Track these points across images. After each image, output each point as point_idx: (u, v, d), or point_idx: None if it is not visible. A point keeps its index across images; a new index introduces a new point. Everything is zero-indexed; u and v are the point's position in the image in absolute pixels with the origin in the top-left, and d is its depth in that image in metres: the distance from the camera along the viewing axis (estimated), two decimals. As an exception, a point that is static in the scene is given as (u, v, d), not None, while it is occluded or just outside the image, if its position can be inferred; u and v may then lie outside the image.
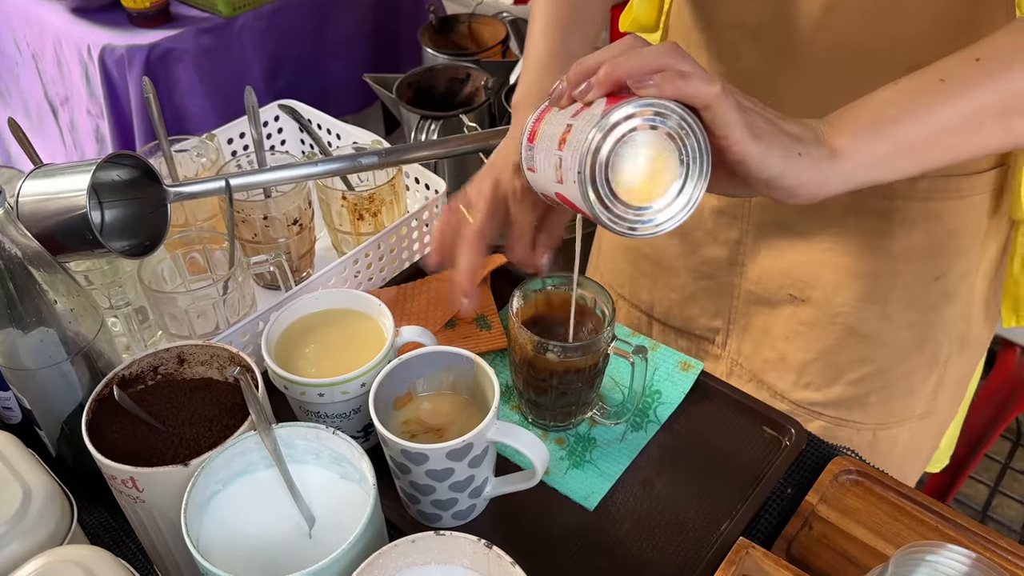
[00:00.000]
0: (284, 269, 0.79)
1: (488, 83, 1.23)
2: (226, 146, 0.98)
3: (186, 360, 0.64)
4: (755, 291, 0.87)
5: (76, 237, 0.70)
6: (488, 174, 0.69)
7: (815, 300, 0.83)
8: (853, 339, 0.82)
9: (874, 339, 0.82)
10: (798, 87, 0.73)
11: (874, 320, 0.81)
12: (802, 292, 0.83)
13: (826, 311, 0.82)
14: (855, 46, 0.69)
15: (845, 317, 0.82)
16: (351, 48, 1.71)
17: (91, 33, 1.50)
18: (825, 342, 0.84)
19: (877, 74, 0.64)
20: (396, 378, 0.66)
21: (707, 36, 0.78)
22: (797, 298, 0.84)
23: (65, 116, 1.70)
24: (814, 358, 0.84)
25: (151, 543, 0.62)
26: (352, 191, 0.88)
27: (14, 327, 0.62)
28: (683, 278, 0.92)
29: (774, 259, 0.84)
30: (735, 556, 0.61)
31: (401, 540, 0.51)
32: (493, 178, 0.68)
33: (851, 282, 0.80)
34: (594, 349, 0.67)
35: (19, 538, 0.52)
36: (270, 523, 0.57)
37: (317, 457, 0.59)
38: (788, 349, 0.86)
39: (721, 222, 0.86)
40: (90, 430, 0.58)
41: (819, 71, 0.72)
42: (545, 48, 0.74)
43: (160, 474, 0.55)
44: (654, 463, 0.72)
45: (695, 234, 0.89)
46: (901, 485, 0.69)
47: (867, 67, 0.69)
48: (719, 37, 0.77)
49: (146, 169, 0.75)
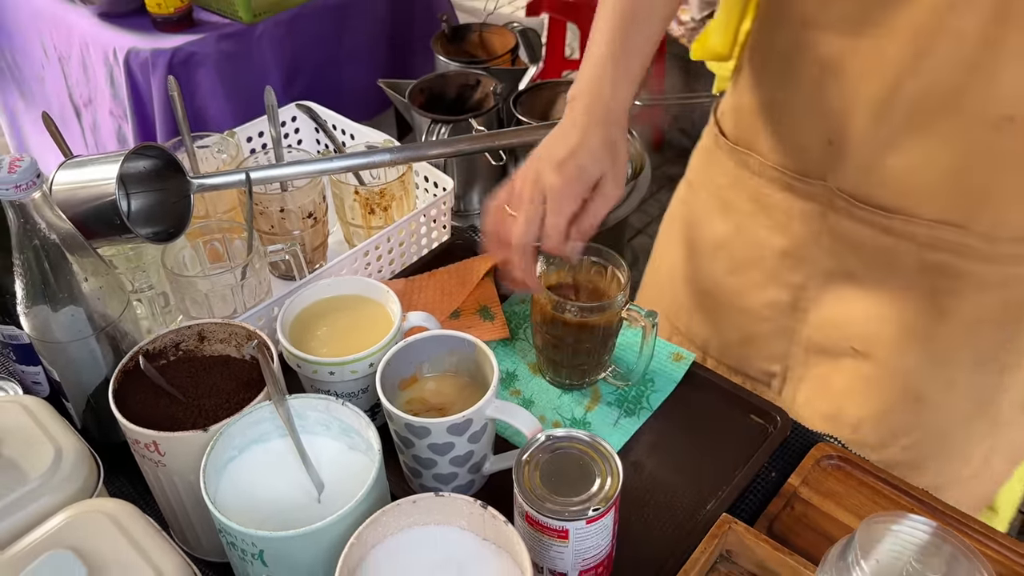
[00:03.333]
0: (299, 257, 0.83)
1: (497, 89, 1.27)
2: (245, 144, 1.03)
3: (206, 337, 0.69)
4: (816, 340, 0.84)
5: (105, 223, 0.75)
6: (531, 168, 0.71)
7: (878, 357, 0.80)
8: (914, 402, 0.80)
9: (936, 403, 0.79)
10: (876, 129, 0.71)
11: (938, 384, 0.78)
12: (865, 347, 0.80)
13: (889, 369, 0.80)
14: (944, 95, 0.67)
15: (908, 378, 0.79)
16: (366, 55, 1.76)
17: (117, 37, 1.56)
18: (885, 401, 0.81)
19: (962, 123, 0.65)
20: (402, 359, 0.70)
21: (790, 69, 0.76)
22: (860, 352, 0.81)
23: (88, 117, 1.75)
24: (871, 416, 0.81)
25: (170, 508, 0.66)
26: (364, 186, 0.92)
27: (47, 304, 0.67)
28: (742, 318, 0.89)
29: (839, 309, 0.81)
30: (718, 530, 0.65)
31: (403, 499, 0.55)
32: (536, 171, 0.70)
33: (919, 343, 0.77)
34: (608, 310, 0.72)
35: (51, 492, 0.56)
36: (282, 488, 0.61)
37: (327, 428, 0.63)
38: (845, 404, 0.83)
39: (785, 264, 0.84)
40: (116, 398, 0.63)
41: (900, 115, 0.70)
42: (604, 48, 0.73)
43: (181, 438, 0.59)
44: (646, 446, 0.76)
45: (756, 274, 0.86)
46: (880, 470, 0.72)
47: (952, 115, 0.67)
48: (801, 72, 0.75)
49: (171, 161, 0.80)
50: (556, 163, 0.69)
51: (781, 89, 0.79)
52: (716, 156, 0.89)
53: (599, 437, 0.61)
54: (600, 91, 0.71)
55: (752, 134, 0.83)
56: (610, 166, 0.71)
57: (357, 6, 1.71)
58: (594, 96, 0.71)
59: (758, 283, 0.87)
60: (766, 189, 0.83)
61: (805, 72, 0.75)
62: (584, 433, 0.62)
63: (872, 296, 0.79)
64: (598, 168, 0.70)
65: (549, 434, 0.62)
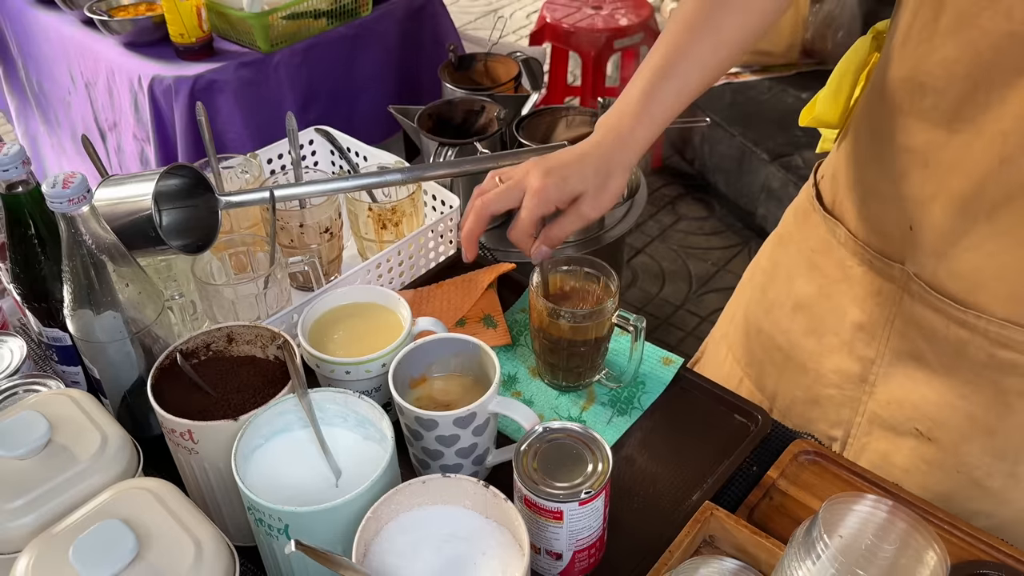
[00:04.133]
0: (316, 268, 0.90)
1: (501, 115, 1.35)
2: (266, 165, 1.11)
3: (234, 339, 0.75)
4: (881, 415, 0.84)
5: (141, 235, 0.82)
6: (527, 165, 0.76)
7: (942, 442, 0.80)
8: (976, 490, 0.80)
9: (997, 495, 0.79)
10: (956, 222, 0.72)
11: (1001, 477, 0.78)
12: (930, 431, 0.80)
13: (952, 456, 0.80)
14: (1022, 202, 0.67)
15: (971, 468, 0.79)
16: (377, 83, 1.85)
17: (142, 65, 1.65)
18: (945, 486, 0.80)
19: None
20: (412, 360, 0.77)
21: (882, 150, 0.77)
22: (924, 435, 0.81)
23: (113, 140, 1.84)
24: (932, 498, 0.80)
25: (200, 494, 0.72)
26: (377, 203, 0.99)
27: (90, 308, 0.74)
28: (811, 379, 0.90)
29: (907, 389, 0.82)
30: (700, 516, 0.71)
31: (414, 480, 0.61)
32: (527, 169, 0.76)
33: (983, 435, 0.78)
34: (600, 317, 0.79)
35: (98, 472, 0.62)
36: (303, 474, 0.67)
37: (344, 420, 0.69)
38: (905, 481, 0.82)
39: (859, 337, 0.84)
40: (154, 392, 0.69)
41: (980, 212, 0.70)
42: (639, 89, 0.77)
43: (213, 427, 0.66)
44: (637, 442, 0.82)
45: (831, 339, 0.87)
46: (854, 465, 0.78)
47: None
48: (891, 156, 0.76)
49: (200, 180, 0.87)
50: (546, 168, 0.75)
51: (872, 168, 0.79)
52: (811, 218, 0.90)
53: (591, 428, 0.68)
54: (619, 127, 0.76)
55: (844, 205, 0.84)
56: (594, 189, 0.75)
57: (369, 37, 1.80)
58: (610, 129, 0.77)
59: (832, 348, 0.87)
60: (850, 261, 0.84)
61: (895, 156, 0.75)
62: (577, 425, 0.68)
63: (939, 382, 0.79)
64: (581, 186, 0.75)
65: (546, 426, 0.68)
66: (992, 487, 0.79)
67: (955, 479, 0.80)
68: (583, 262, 0.84)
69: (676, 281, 2.33)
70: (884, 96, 0.76)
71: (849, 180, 0.84)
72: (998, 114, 0.66)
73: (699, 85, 0.78)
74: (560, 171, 0.75)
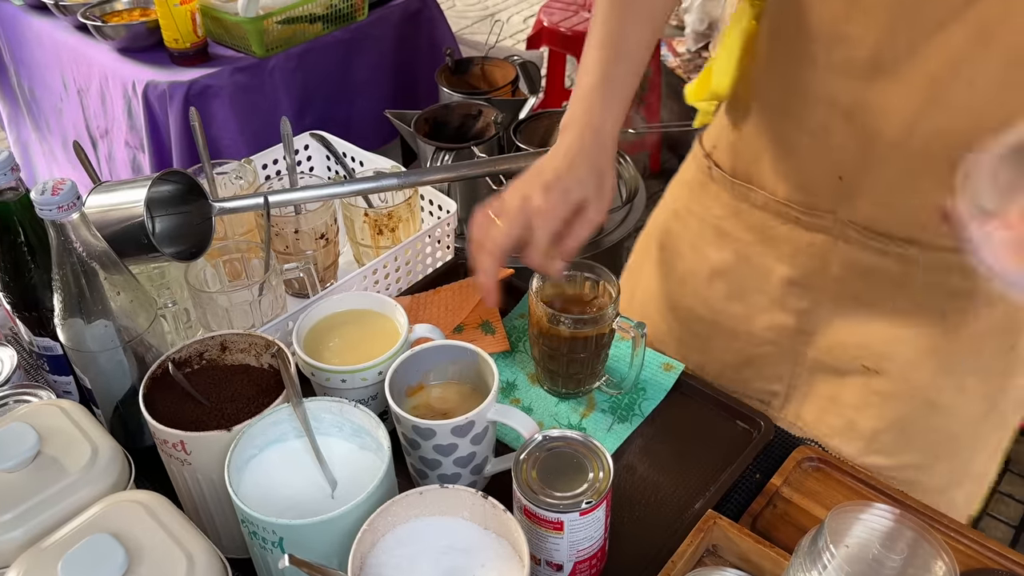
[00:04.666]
0: (312, 275, 0.89)
1: (498, 119, 1.34)
2: (261, 170, 1.09)
3: (228, 348, 0.74)
4: (824, 360, 0.86)
5: (133, 242, 0.81)
6: (519, 187, 0.75)
7: (891, 373, 0.82)
8: (927, 409, 0.83)
9: (949, 410, 0.82)
10: (889, 168, 0.73)
11: (950, 392, 0.81)
12: (877, 364, 0.82)
13: (903, 384, 0.82)
14: (956, 137, 0.68)
15: (923, 391, 0.82)
16: (374, 87, 1.84)
17: (136, 70, 1.64)
18: (900, 412, 0.83)
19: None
20: (409, 368, 0.75)
21: (796, 108, 0.78)
22: (871, 369, 0.83)
23: (104, 148, 1.83)
24: (886, 427, 0.83)
25: (194, 505, 0.71)
26: (373, 209, 0.98)
27: (81, 317, 0.72)
28: (742, 342, 0.91)
29: (850, 331, 0.83)
30: (703, 525, 0.70)
31: (411, 491, 0.60)
32: (523, 191, 0.74)
33: (930, 357, 0.80)
34: (600, 323, 0.77)
35: (89, 485, 0.61)
36: (298, 485, 0.66)
37: (340, 429, 0.68)
38: (858, 417, 0.85)
39: (792, 291, 0.85)
40: (146, 402, 0.68)
41: (913, 156, 0.71)
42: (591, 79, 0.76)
43: (206, 438, 0.64)
44: (638, 450, 0.81)
45: (758, 298, 0.88)
46: (858, 471, 0.77)
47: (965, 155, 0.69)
48: (809, 112, 0.76)
49: (193, 186, 0.86)
50: (543, 185, 0.73)
51: (786, 126, 0.80)
52: (709, 188, 0.91)
53: (591, 436, 0.66)
54: (589, 120, 0.75)
55: (754, 169, 0.85)
56: (594, 191, 0.74)
57: (365, 41, 1.79)
58: (584, 124, 0.75)
59: (761, 308, 0.88)
60: (771, 222, 0.85)
61: (813, 111, 0.76)
62: (577, 433, 0.67)
63: (883, 318, 0.81)
64: (582, 192, 0.74)
65: (545, 434, 0.67)
66: (943, 403, 0.82)
67: (908, 404, 0.83)
68: (583, 267, 0.83)
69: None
70: (791, 55, 0.76)
71: (758, 143, 0.84)
72: (925, 61, 0.67)
73: (643, 62, 0.79)
74: (559, 184, 0.73)
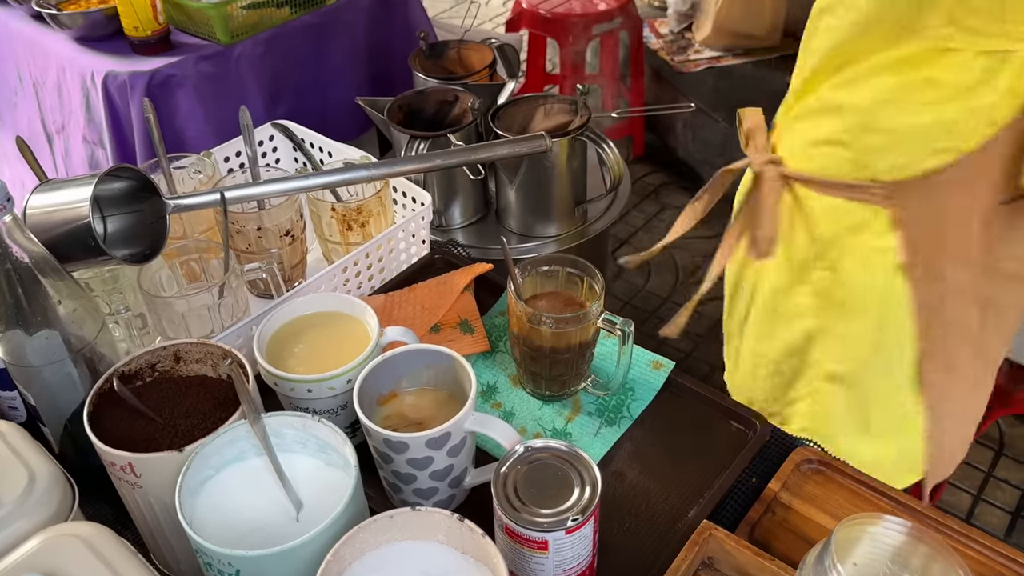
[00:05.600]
0: (275, 276, 0.83)
1: (475, 105, 1.28)
2: (223, 164, 1.03)
3: (182, 358, 0.68)
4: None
5: (80, 245, 0.75)
6: None
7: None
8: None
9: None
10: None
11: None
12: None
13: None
14: None
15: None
16: (347, 74, 1.77)
17: (95, 61, 1.56)
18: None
19: None
20: (380, 375, 0.70)
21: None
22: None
23: (60, 144, 1.75)
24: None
25: (148, 529, 0.66)
26: (341, 203, 0.92)
27: (20, 328, 0.67)
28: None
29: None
30: (699, 537, 0.65)
31: (380, 515, 0.55)
32: None
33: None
34: (583, 322, 0.72)
35: (25, 516, 0.55)
36: (260, 507, 0.60)
37: (304, 445, 0.63)
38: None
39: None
40: (92, 421, 0.62)
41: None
42: None
43: (156, 459, 0.59)
44: (627, 455, 0.76)
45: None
46: (859, 473, 0.72)
47: None
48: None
49: (146, 182, 0.80)
50: None
51: None
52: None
53: (577, 447, 0.61)
54: None
55: None
56: None
57: (335, 26, 1.72)
58: None
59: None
60: None
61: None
62: (562, 443, 0.62)
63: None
64: None
65: (528, 445, 0.62)
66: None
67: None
68: (564, 262, 0.77)
69: (662, 272, 2.27)
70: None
71: None
72: None
73: None
74: None
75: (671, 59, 2.56)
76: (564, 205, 1.33)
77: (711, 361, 2.00)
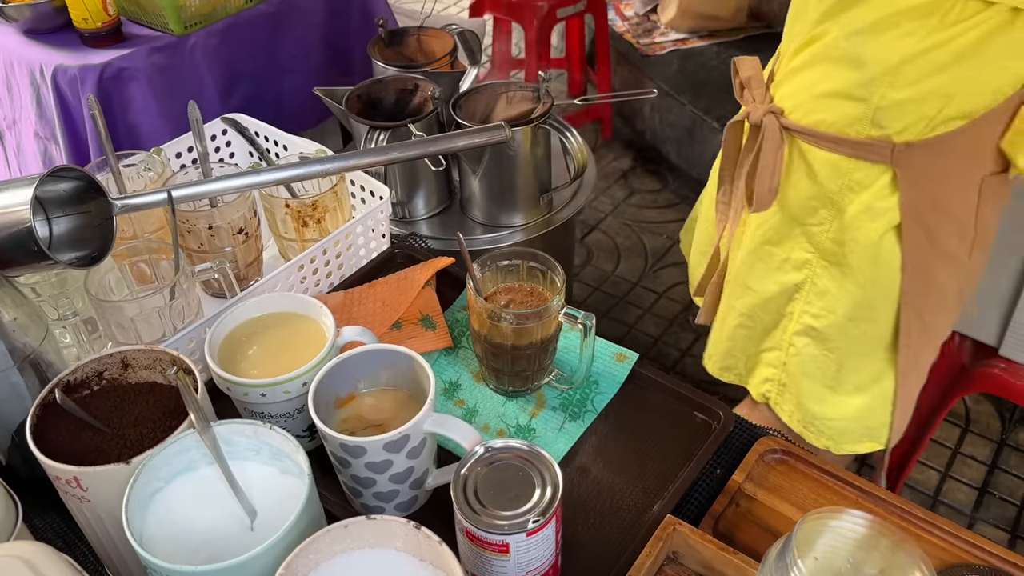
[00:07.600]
0: (228, 276, 0.81)
1: (436, 93, 1.25)
2: (175, 160, 1.00)
3: (130, 365, 0.66)
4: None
5: (23, 250, 0.72)
6: None
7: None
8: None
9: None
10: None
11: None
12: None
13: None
14: None
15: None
16: (305, 63, 1.73)
17: (44, 54, 1.51)
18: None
19: None
20: (337, 377, 0.68)
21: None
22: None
23: (12, 140, 1.70)
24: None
25: (99, 543, 0.64)
26: (296, 199, 0.90)
27: (-40, 338, 0.64)
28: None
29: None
30: (662, 532, 0.64)
31: (334, 525, 0.53)
32: None
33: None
34: (544, 317, 0.71)
35: (-38, 538, 0.53)
36: (213, 518, 0.59)
37: (257, 453, 0.61)
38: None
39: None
40: (35, 434, 0.60)
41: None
42: None
43: (102, 473, 0.57)
44: (591, 450, 0.75)
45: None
46: (824, 463, 0.72)
47: None
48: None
49: (91, 183, 0.77)
50: None
51: None
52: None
53: (538, 446, 0.60)
54: None
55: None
56: None
57: (292, 14, 1.68)
58: None
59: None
60: None
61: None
62: (523, 443, 0.61)
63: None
64: None
65: (488, 445, 0.61)
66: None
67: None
68: (525, 255, 0.76)
69: (631, 257, 2.27)
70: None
71: None
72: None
73: None
74: None
75: (637, 42, 2.55)
76: (528, 194, 1.32)
77: (680, 346, 2.00)
